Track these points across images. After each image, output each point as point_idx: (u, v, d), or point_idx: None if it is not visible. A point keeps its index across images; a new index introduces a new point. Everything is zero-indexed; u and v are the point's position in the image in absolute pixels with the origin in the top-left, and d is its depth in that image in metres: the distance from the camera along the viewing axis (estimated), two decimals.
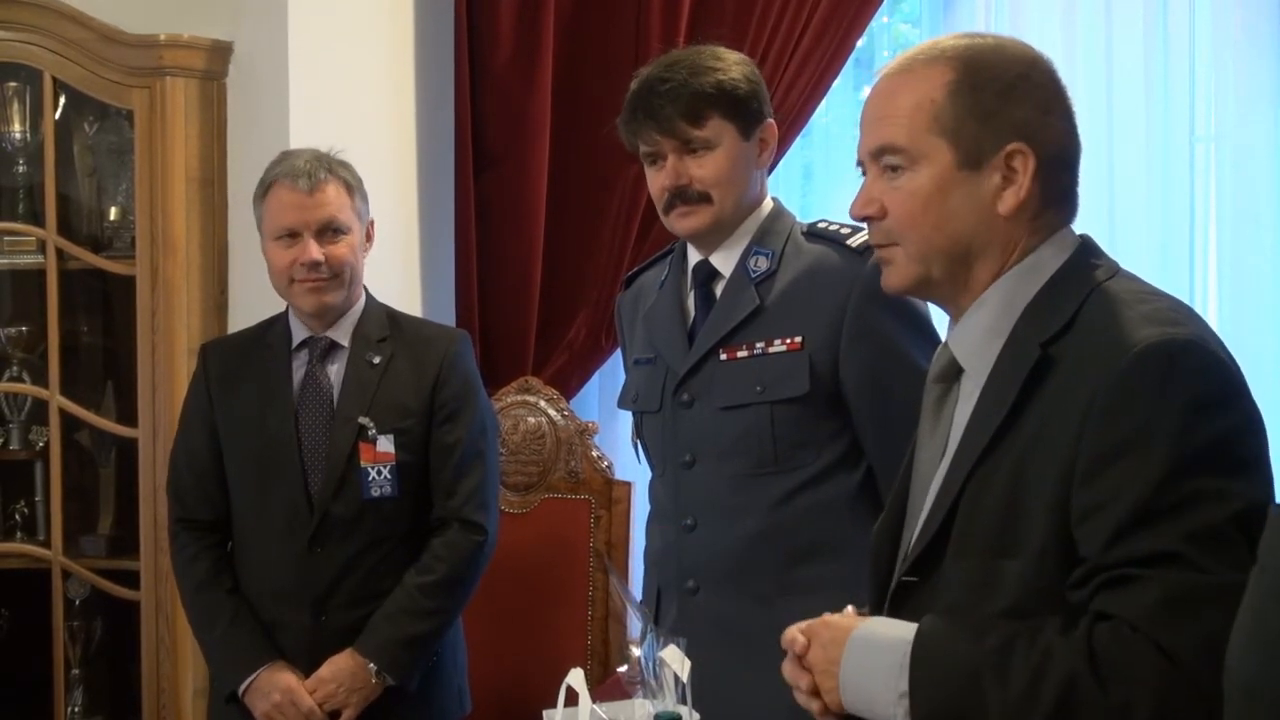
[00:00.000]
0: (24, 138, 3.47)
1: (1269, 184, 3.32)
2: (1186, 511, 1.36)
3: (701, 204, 2.30)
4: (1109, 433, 1.40)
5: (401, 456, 2.68)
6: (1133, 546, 1.36)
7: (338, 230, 2.65)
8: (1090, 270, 1.53)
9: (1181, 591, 1.34)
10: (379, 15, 3.55)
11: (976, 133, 1.52)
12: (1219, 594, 1.31)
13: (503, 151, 3.61)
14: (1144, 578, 1.35)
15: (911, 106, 1.54)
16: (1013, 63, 1.55)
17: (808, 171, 3.74)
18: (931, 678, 1.44)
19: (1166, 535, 1.36)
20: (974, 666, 1.41)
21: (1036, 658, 1.38)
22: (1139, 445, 1.38)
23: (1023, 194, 1.52)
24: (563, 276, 3.63)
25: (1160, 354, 1.41)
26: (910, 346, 2.24)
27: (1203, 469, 1.37)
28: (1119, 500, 1.38)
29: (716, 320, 2.34)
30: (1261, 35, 3.30)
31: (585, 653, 3.34)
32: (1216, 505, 1.36)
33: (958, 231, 1.54)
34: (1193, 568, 1.34)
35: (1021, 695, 1.38)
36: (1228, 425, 1.40)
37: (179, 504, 2.79)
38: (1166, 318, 1.46)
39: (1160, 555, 1.35)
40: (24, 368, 3.47)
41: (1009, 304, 1.53)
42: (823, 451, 2.29)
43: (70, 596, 3.42)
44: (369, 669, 2.64)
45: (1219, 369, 1.43)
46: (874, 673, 1.48)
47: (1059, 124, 1.55)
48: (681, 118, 2.27)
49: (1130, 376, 1.40)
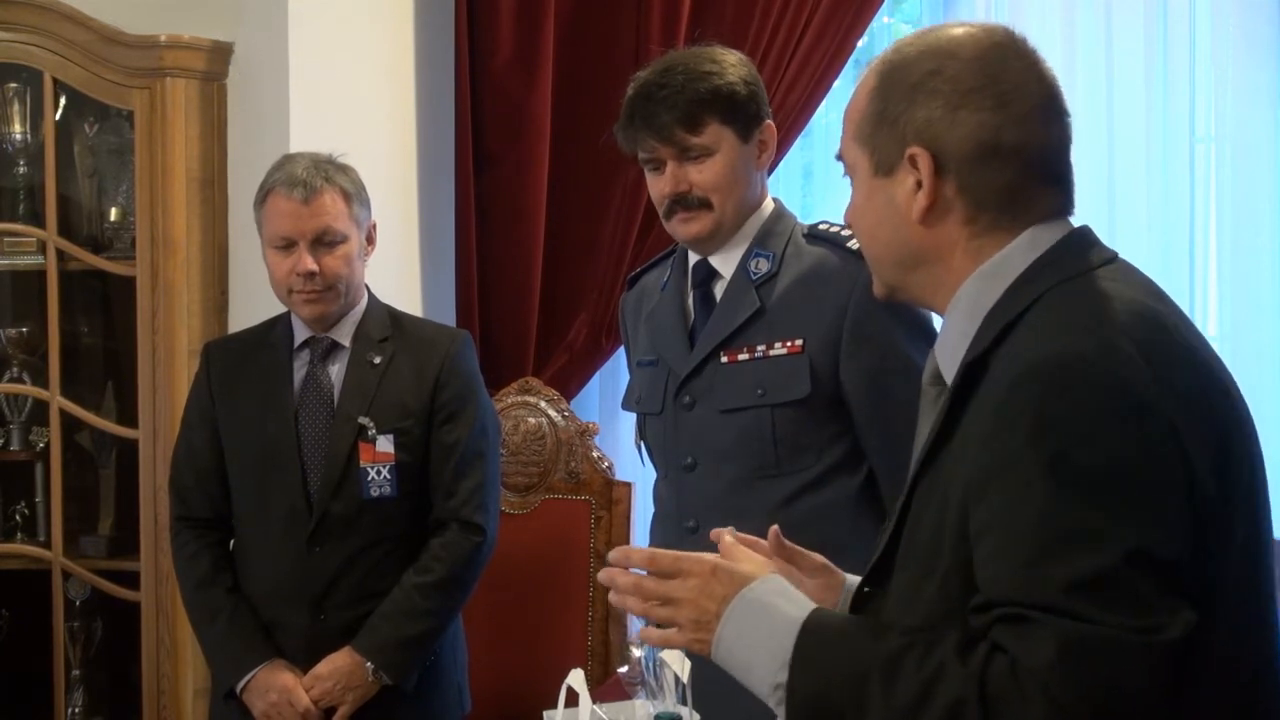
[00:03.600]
0: (24, 138, 3.47)
1: (1269, 184, 3.32)
2: (1069, 554, 1.24)
3: (702, 210, 2.29)
4: (993, 456, 1.31)
5: (401, 457, 2.68)
6: (1021, 589, 1.26)
7: (333, 240, 2.65)
8: (1058, 269, 1.42)
9: (1074, 643, 1.23)
10: (379, 16, 3.56)
11: (885, 138, 1.47)
12: (1108, 646, 1.22)
13: (503, 152, 3.62)
14: (1039, 622, 1.24)
15: (849, 116, 1.53)
16: (926, 58, 1.46)
17: (808, 172, 3.74)
18: (814, 672, 1.37)
19: (1051, 583, 1.24)
20: (863, 667, 1.34)
21: (928, 672, 1.30)
22: (1019, 473, 1.28)
23: (923, 200, 1.44)
24: (563, 277, 3.63)
25: (1046, 370, 1.30)
26: (910, 349, 2.23)
27: (1086, 503, 1.25)
28: (1005, 533, 1.28)
29: (717, 323, 2.33)
30: (1261, 36, 3.30)
31: (585, 653, 3.34)
32: (1101, 546, 1.24)
33: (888, 239, 1.50)
34: (1081, 619, 1.23)
35: (906, 708, 1.30)
36: (1116, 453, 1.26)
37: (180, 502, 2.80)
38: (1085, 324, 1.34)
39: (1048, 604, 1.24)
40: (24, 368, 3.47)
41: (973, 308, 1.45)
42: (824, 454, 2.29)
43: (70, 597, 3.42)
44: (366, 667, 2.64)
45: (1114, 389, 1.28)
46: (755, 648, 1.42)
47: (976, 118, 1.42)
48: (679, 125, 2.25)
49: (1015, 393, 1.31)
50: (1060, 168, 1.48)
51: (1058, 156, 1.47)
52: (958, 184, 1.44)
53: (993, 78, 1.43)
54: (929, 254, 1.48)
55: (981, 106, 1.42)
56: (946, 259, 1.47)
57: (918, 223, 1.46)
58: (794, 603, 1.44)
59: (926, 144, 1.44)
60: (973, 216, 1.45)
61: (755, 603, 1.44)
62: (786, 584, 1.48)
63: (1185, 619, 1.23)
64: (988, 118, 1.42)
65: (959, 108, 1.43)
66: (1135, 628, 1.22)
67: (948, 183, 1.44)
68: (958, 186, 1.44)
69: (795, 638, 1.39)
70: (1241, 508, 1.34)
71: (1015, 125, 1.43)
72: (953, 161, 1.43)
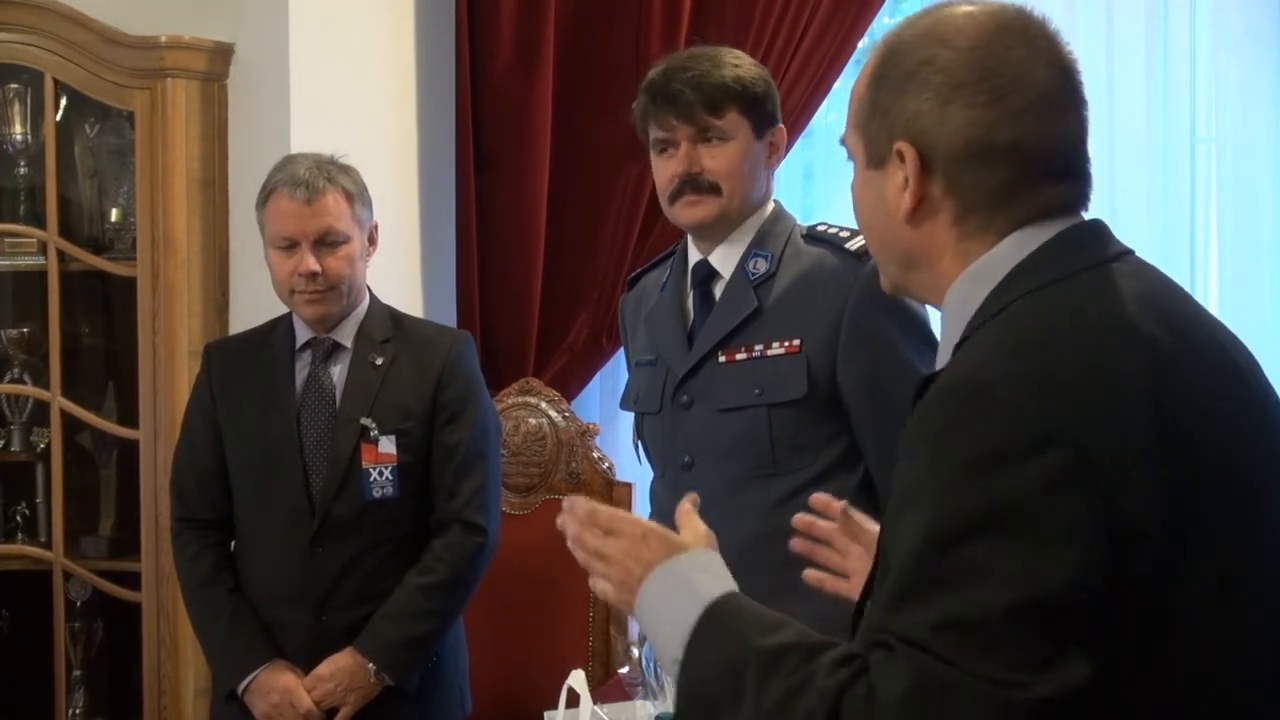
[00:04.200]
0: (25, 139, 3.47)
1: (1269, 185, 3.33)
2: (943, 592, 1.16)
3: (711, 194, 2.31)
4: (899, 480, 1.24)
5: (403, 458, 2.68)
6: (893, 618, 1.19)
7: (335, 241, 2.65)
8: (1034, 276, 1.31)
9: (927, 683, 1.15)
10: (380, 17, 3.56)
11: (876, 129, 1.37)
12: (961, 694, 1.13)
13: (503, 153, 3.62)
14: (901, 655, 1.17)
15: (850, 99, 1.44)
16: (922, 45, 1.34)
17: (808, 172, 3.74)
18: (704, 656, 1.34)
19: (920, 618, 1.16)
20: (746, 660, 1.28)
21: (796, 680, 1.23)
22: (915, 501, 1.20)
23: (908, 200, 1.34)
24: (563, 277, 3.63)
25: (953, 399, 1.22)
26: (908, 350, 2.24)
27: (970, 541, 1.16)
28: (897, 560, 1.21)
29: (715, 322, 2.34)
30: (1261, 36, 3.31)
31: (586, 654, 3.34)
32: (978, 588, 1.14)
33: (881, 236, 1.42)
34: (942, 660, 1.14)
35: (769, 710, 1.24)
36: (1009, 490, 1.16)
37: (181, 503, 2.80)
38: (1015, 345, 1.24)
39: (913, 639, 1.16)
40: (25, 369, 3.47)
41: (960, 313, 1.35)
42: (821, 454, 2.29)
43: (71, 598, 3.42)
44: (368, 668, 2.64)
45: (1016, 420, 1.18)
46: (663, 620, 1.40)
47: (967, 114, 1.31)
48: (702, 106, 2.29)
49: (922, 419, 1.24)
50: (1069, 162, 1.36)
51: (1065, 150, 1.36)
52: (945, 183, 1.33)
53: (989, 70, 1.31)
54: (919, 255, 1.38)
55: (973, 102, 1.31)
56: (936, 261, 1.37)
57: (904, 222, 1.36)
58: (712, 581, 1.41)
59: (914, 139, 1.33)
60: (961, 218, 1.34)
61: (674, 574, 1.42)
62: (715, 560, 1.45)
63: (1064, 676, 1.12)
64: (979, 114, 1.31)
65: (949, 102, 1.31)
66: (995, 679, 1.12)
67: (935, 182, 1.33)
68: (945, 186, 1.33)
69: (698, 617, 1.36)
70: (1244, 526, 1.24)
71: (1010, 122, 1.31)
72: (940, 160, 1.33)
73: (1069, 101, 1.36)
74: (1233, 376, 1.31)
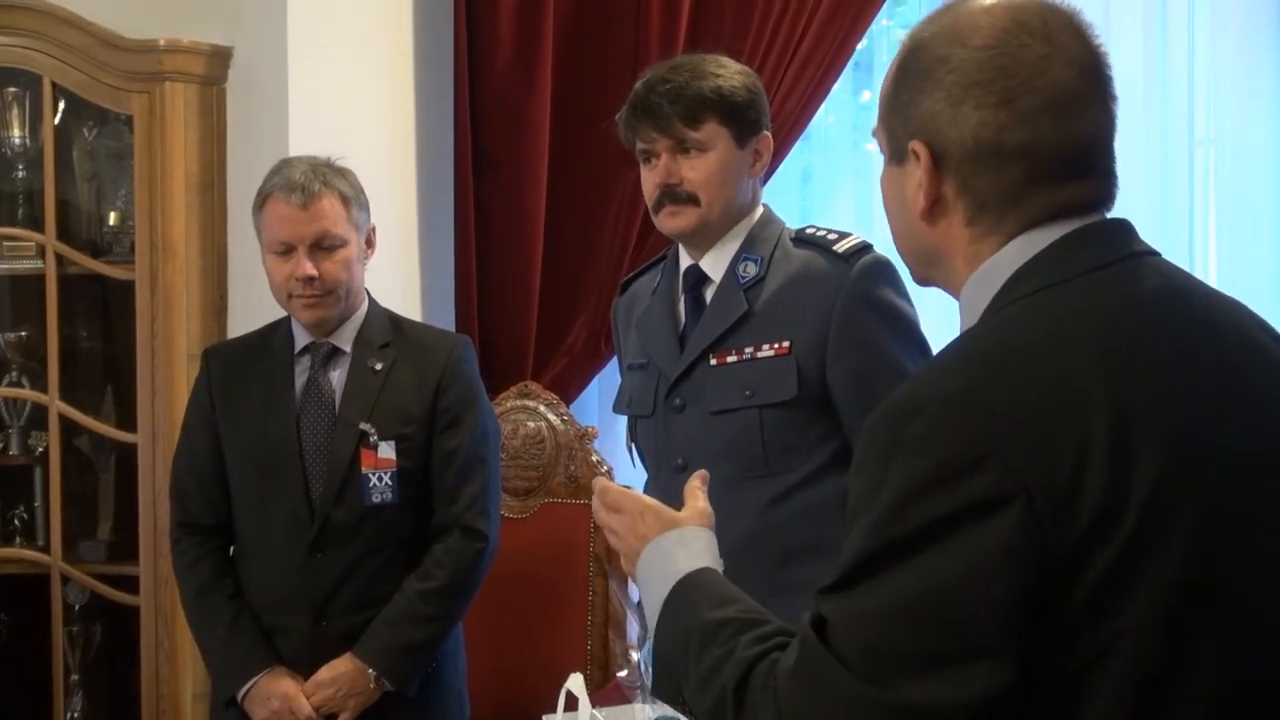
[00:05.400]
0: (23, 143, 3.46)
1: (1269, 187, 3.33)
2: (859, 589, 1.20)
3: (689, 205, 2.33)
4: (850, 488, 1.27)
5: (402, 463, 2.68)
6: (816, 603, 1.24)
7: (332, 245, 2.65)
8: (1027, 281, 1.30)
9: (811, 666, 1.21)
10: (378, 19, 3.55)
11: (896, 125, 1.37)
12: (836, 680, 1.18)
13: (502, 155, 3.61)
14: (804, 638, 1.23)
15: (880, 92, 1.42)
16: (939, 42, 1.33)
17: (807, 175, 3.74)
18: (667, 625, 1.45)
19: (830, 606, 1.22)
20: (691, 631, 1.39)
21: (722, 651, 1.32)
22: (862, 509, 1.23)
23: (923, 198, 1.34)
24: (562, 280, 3.63)
25: (892, 416, 1.23)
26: (897, 351, 2.26)
27: (899, 551, 1.18)
28: (843, 555, 1.25)
29: (706, 326, 2.36)
30: (1262, 38, 3.31)
31: (585, 657, 3.34)
32: (888, 589, 1.18)
33: (901, 231, 1.41)
34: (829, 648, 1.20)
35: (702, 679, 1.34)
36: (940, 506, 1.17)
37: (180, 508, 2.79)
38: (970, 358, 1.25)
39: (817, 624, 1.22)
40: (23, 373, 3.47)
41: (971, 314, 1.35)
42: (812, 454, 2.31)
43: (69, 601, 3.42)
44: (368, 674, 2.64)
45: (951, 441, 1.18)
46: (650, 593, 1.51)
47: (977, 115, 1.30)
48: (679, 118, 2.30)
49: (871, 432, 1.25)
50: (1090, 160, 1.36)
51: (1085, 148, 1.35)
52: (958, 184, 1.33)
53: (1001, 70, 1.30)
54: (935, 254, 1.38)
55: (984, 103, 1.30)
56: (951, 260, 1.37)
57: (921, 220, 1.36)
58: (690, 556, 1.51)
59: (928, 139, 1.33)
60: (973, 218, 1.33)
61: (661, 549, 1.53)
62: (700, 537, 1.55)
63: (947, 688, 1.14)
64: (989, 115, 1.29)
65: (961, 102, 1.30)
66: (870, 677, 1.17)
67: (948, 181, 1.33)
68: (958, 186, 1.33)
69: (670, 589, 1.46)
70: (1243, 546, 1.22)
71: (1021, 124, 1.30)
72: (953, 160, 1.32)
73: (1091, 98, 1.36)
74: (1229, 387, 1.29)
